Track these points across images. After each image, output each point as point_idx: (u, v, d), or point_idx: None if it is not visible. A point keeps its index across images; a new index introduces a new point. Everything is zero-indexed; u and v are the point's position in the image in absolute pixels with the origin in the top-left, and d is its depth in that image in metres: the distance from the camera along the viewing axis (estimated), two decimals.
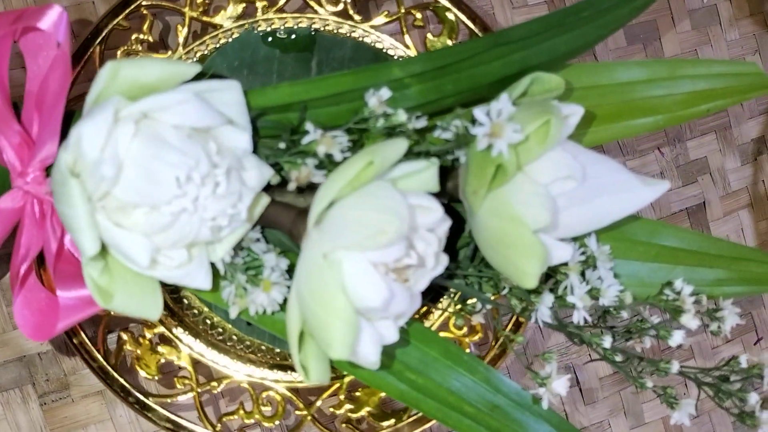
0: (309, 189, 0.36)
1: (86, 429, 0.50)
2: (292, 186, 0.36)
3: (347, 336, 0.31)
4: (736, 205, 0.73)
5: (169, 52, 0.46)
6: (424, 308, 0.46)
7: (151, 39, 0.45)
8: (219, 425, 0.43)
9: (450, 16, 0.47)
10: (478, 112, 0.34)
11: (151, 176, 0.30)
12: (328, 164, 0.36)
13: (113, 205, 0.31)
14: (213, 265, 0.37)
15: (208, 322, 0.45)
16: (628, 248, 0.43)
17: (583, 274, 0.41)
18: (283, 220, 0.37)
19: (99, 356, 0.41)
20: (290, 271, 0.37)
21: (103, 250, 0.33)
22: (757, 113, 0.74)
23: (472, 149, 0.36)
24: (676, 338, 0.40)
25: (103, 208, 0.32)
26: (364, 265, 0.31)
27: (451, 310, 0.46)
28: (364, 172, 0.32)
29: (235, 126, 0.34)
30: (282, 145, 0.36)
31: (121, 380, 0.41)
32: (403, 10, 0.48)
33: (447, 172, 0.40)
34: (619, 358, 0.42)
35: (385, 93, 0.37)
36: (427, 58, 0.38)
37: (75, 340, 0.41)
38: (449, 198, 0.40)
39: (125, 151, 0.31)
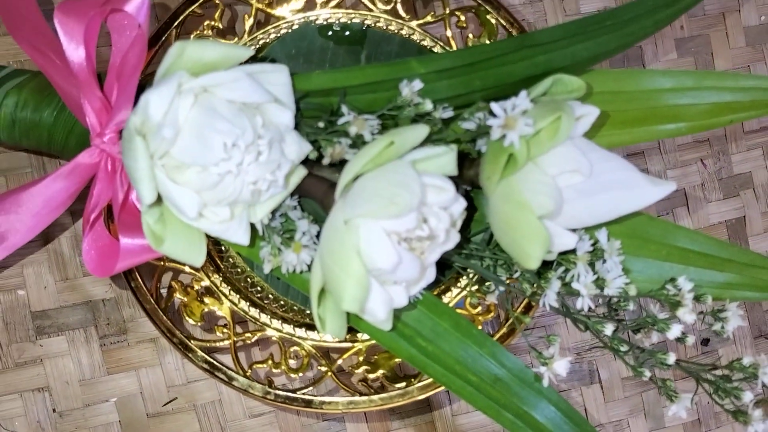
0: (342, 165, 0.41)
1: (138, 371, 0.54)
2: (326, 161, 0.41)
3: (357, 292, 0.35)
4: None
5: (236, 39, 0.51)
6: (443, 285, 0.50)
7: (221, 26, 0.51)
8: (249, 371, 0.48)
9: (491, 19, 0.50)
10: (495, 105, 0.37)
11: (203, 140, 0.35)
12: (360, 144, 0.40)
13: (171, 164, 0.37)
14: (253, 226, 0.42)
15: (249, 280, 0.50)
16: (640, 246, 0.46)
17: (593, 265, 0.44)
18: (317, 191, 0.42)
19: (151, 299, 0.47)
20: (319, 237, 0.41)
21: (161, 203, 0.39)
22: None
23: (490, 139, 0.39)
24: (674, 331, 0.42)
25: (163, 167, 0.37)
26: (378, 232, 0.35)
27: (469, 289, 0.49)
28: (385, 151, 0.36)
29: (281, 104, 0.39)
30: (321, 125, 0.41)
31: (168, 322, 0.47)
32: (447, 11, 0.52)
33: (472, 161, 0.44)
34: (624, 348, 0.45)
35: (417, 84, 0.41)
36: (457, 56, 0.41)
37: (133, 284, 0.47)
38: (472, 185, 0.44)
39: (184, 118, 0.36)
